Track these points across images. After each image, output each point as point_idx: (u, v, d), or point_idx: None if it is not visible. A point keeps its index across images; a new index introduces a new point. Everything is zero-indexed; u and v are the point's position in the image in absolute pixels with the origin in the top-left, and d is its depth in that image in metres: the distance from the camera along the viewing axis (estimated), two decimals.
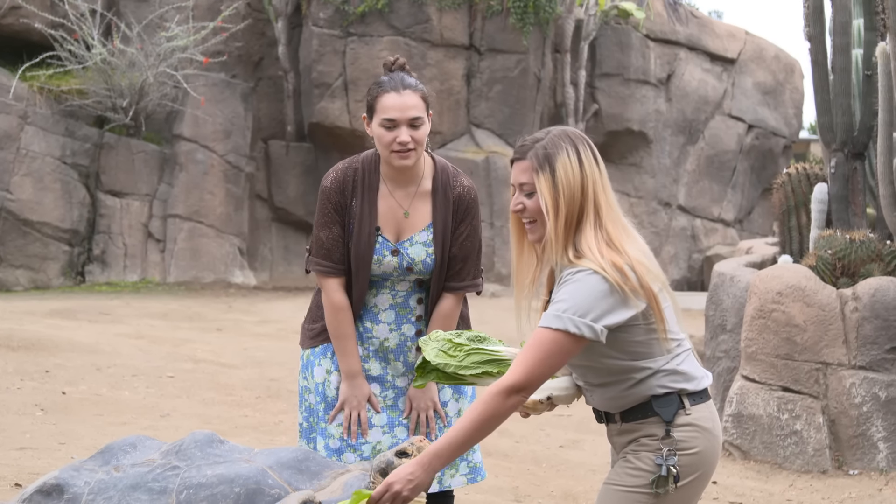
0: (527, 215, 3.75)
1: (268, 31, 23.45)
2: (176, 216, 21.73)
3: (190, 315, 16.77)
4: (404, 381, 4.71)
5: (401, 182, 4.64)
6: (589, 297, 3.58)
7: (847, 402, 8.54)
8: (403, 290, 4.69)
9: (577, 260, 3.64)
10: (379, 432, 4.66)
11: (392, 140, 4.50)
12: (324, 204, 4.64)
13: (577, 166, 3.68)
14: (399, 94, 4.52)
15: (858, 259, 9.03)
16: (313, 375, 4.70)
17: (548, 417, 10.46)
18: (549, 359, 3.58)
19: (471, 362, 3.88)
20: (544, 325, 3.58)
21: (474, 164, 22.01)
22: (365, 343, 4.68)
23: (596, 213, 3.69)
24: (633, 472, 3.73)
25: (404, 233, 4.64)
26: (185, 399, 10.28)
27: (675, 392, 3.71)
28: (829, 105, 10.46)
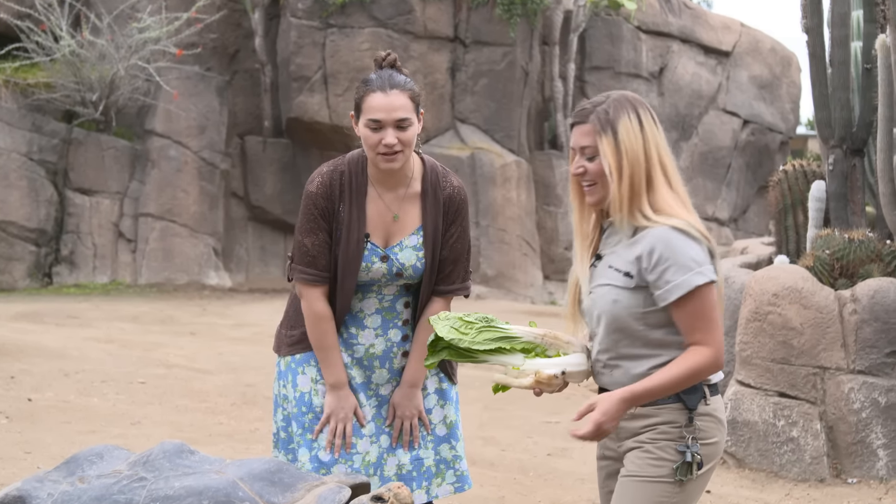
0: (587, 178, 3.90)
1: (244, 22, 23.41)
2: (148, 215, 21.67)
3: (162, 318, 16.72)
4: (388, 388, 4.69)
5: (389, 184, 4.61)
6: (690, 248, 3.80)
7: (845, 408, 8.54)
8: (391, 293, 4.67)
9: (657, 217, 3.82)
10: (367, 442, 4.63)
11: (378, 142, 4.47)
12: (309, 209, 4.60)
13: (638, 129, 3.84)
14: (386, 94, 4.49)
15: (857, 259, 9.04)
16: (295, 384, 4.66)
17: (535, 425, 10.45)
18: (715, 310, 3.81)
19: (483, 339, 3.94)
20: (681, 293, 3.76)
21: (459, 161, 21.99)
22: (349, 350, 4.65)
23: (664, 174, 3.88)
24: (655, 461, 3.84)
25: (393, 237, 4.61)
26: (157, 406, 10.25)
27: None
28: (827, 99, 10.47)
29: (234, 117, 23.30)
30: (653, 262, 3.79)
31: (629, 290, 3.83)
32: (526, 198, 23.23)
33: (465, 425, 5.06)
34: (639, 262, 3.82)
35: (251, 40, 23.33)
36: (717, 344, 3.81)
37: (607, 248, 3.95)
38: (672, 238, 3.79)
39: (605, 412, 3.79)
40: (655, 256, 3.79)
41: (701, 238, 3.83)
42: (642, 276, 3.82)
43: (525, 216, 23.19)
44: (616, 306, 3.85)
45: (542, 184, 23.96)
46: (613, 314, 3.85)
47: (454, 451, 4.77)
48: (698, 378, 3.83)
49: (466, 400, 10.65)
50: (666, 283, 3.77)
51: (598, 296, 3.91)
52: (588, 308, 3.97)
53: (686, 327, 3.81)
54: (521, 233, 22.97)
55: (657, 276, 3.79)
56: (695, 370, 3.80)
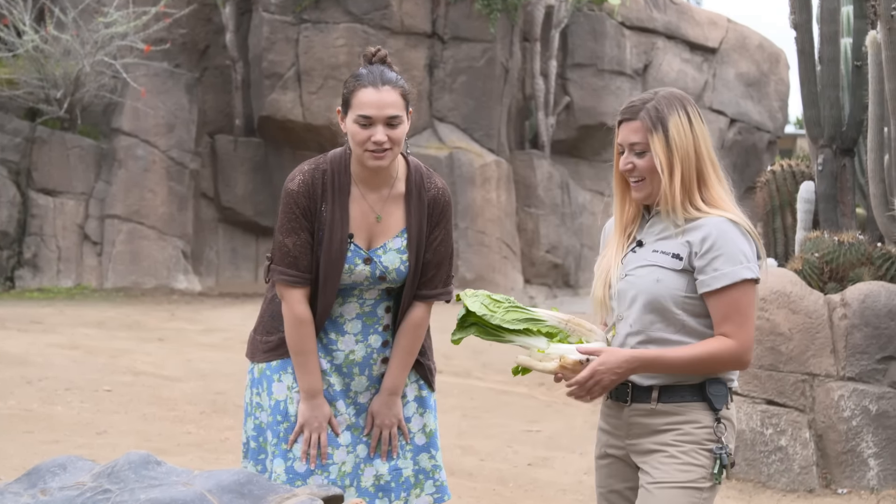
0: (636, 174, 4.01)
1: (214, 17, 23.37)
2: (114, 217, 21.61)
3: (129, 323, 16.67)
4: (367, 396, 4.67)
5: (373, 184, 4.59)
6: (743, 242, 3.91)
7: (835, 416, 8.56)
8: (372, 298, 4.64)
9: (710, 209, 3.94)
10: (344, 452, 4.61)
11: (367, 139, 4.45)
12: (290, 208, 4.56)
13: (688, 126, 3.96)
14: (377, 89, 4.47)
15: (847, 262, 9.06)
16: (270, 392, 4.62)
17: (514, 434, 10.45)
18: (752, 308, 3.92)
19: (512, 318, 4.01)
20: (726, 283, 3.86)
21: (437, 161, 21.99)
22: (328, 356, 4.63)
23: (714, 170, 4.00)
24: (684, 466, 3.90)
25: (376, 239, 4.59)
26: (124, 415, 10.22)
27: (724, 382, 3.97)
28: (817, 98, 10.49)
29: (204, 115, 23.25)
30: (704, 249, 3.89)
31: (675, 271, 3.92)
32: (506, 199, 23.24)
33: (442, 434, 5.04)
34: (690, 246, 3.91)
35: (222, 36, 23.28)
36: (745, 341, 3.89)
37: (650, 237, 4.04)
38: (727, 229, 3.90)
39: (604, 362, 3.89)
40: (708, 243, 3.88)
41: (752, 237, 3.94)
42: (691, 260, 3.91)
43: (505, 218, 23.20)
44: (658, 286, 3.93)
45: (522, 184, 23.97)
46: (654, 294, 3.93)
47: (433, 461, 4.75)
48: (714, 368, 3.91)
49: (444, 408, 10.64)
50: (714, 271, 3.87)
51: (637, 276, 3.98)
52: (623, 290, 4.02)
53: (719, 317, 3.89)
54: (500, 235, 22.97)
55: (706, 262, 3.88)
56: (714, 357, 3.88)
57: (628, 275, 4.01)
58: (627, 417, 4.02)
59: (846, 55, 10.54)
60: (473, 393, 12.47)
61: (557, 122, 24.84)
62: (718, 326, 3.89)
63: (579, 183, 25.25)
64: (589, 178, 25.52)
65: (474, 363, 14.37)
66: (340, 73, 21.80)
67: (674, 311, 3.92)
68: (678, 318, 3.92)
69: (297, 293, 4.55)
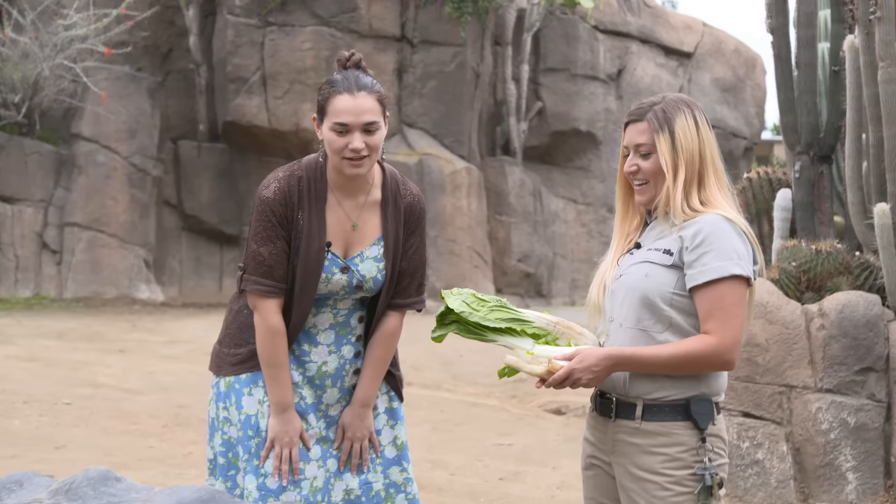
0: (640, 177, 4.06)
1: (177, 20, 23.32)
2: (74, 224, 21.53)
3: (89, 335, 16.61)
4: (338, 408, 4.65)
5: (350, 191, 4.58)
6: (736, 240, 3.93)
7: (813, 429, 8.58)
8: (346, 308, 4.63)
9: (705, 209, 3.97)
10: (315, 467, 4.59)
11: (344, 146, 4.43)
12: (266, 216, 4.53)
13: (694, 130, 4.03)
14: (353, 95, 4.45)
15: (825, 272, 9.08)
16: (240, 406, 4.59)
17: (486, 447, 10.44)
18: (740, 307, 3.90)
19: (495, 317, 4.00)
20: (713, 277, 3.87)
21: (406, 168, 21.99)
22: (300, 368, 4.61)
23: (716, 175, 4.05)
24: (674, 498, 3.92)
25: (353, 247, 4.58)
26: (83, 428, 10.17)
27: (709, 399, 3.98)
28: (794, 103, 10.52)
29: (167, 121, 23.19)
30: (695, 243, 3.90)
31: (665, 266, 3.94)
32: (477, 206, 23.25)
33: (412, 448, 5.03)
34: (681, 241, 3.93)
35: (185, 39, 23.24)
36: (728, 339, 3.87)
37: (649, 239, 4.07)
38: (720, 225, 3.92)
39: (581, 360, 3.86)
40: (699, 238, 3.90)
41: (748, 238, 3.96)
42: (682, 255, 3.93)
43: (476, 226, 23.21)
44: (647, 281, 3.94)
45: (493, 192, 23.99)
46: (643, 289, 3.94)
47: (405, 474, 4.74)
48: (694, 367, 3.90)
49: (414, 421, 10.63)
50: (702, 265, 3.88)
51: (628, 275, 4.01)
52: (615, 290, 4.05)
53: (704, 314, 3.89)
54: (471, 243, 22.98)
55: (695, 256, 3.90)
56: (692, 355, 3.87)
57: (623, 275, 4.03)
58: (612, 433, 4.01)
59: (823, 60, 10.58)
60: (444, 405, 12.47)
61: (529, 128, 24.86)
62: (703, 324, 3.89)
63: (552, 190, 25.28)
64: (562, 186, 25.55)
65: (445, 375, 14.36)
66: (307, 77, 21.78)
67: (661, 308, 3.92)
68: (665, 314, 3.92)
69: (272, 304, 4.52)
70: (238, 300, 4.68)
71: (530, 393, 13.27)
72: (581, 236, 25.54)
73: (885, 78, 8.59)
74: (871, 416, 8.55)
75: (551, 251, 24.90)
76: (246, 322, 4.62)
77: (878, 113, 8.78)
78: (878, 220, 8.51)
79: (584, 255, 25.38)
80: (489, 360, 14.15)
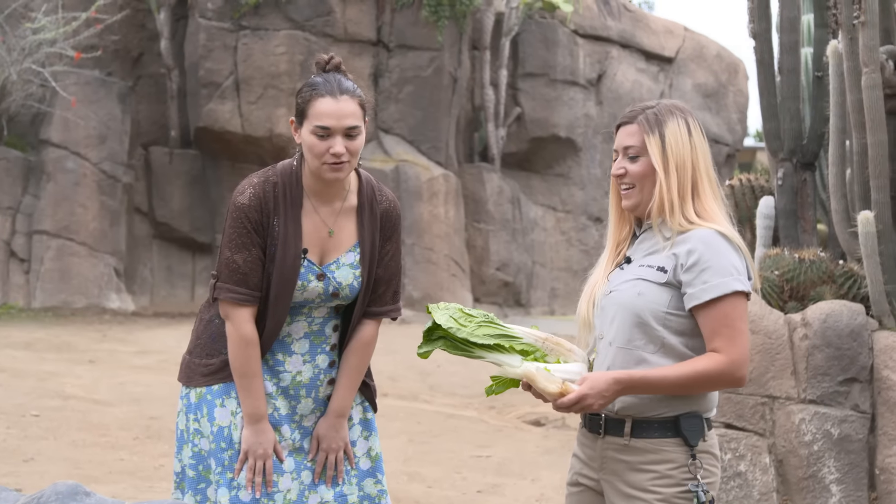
0: (626, 180, 4.07)
1: (148, 24, 23.28)
2: (43, 232, 21.47)
3: (58, 345, 16.56)
4: (312, 419, 4.64)
5: (326, 197, 4.59)
6: (730, 255, 3.95)
7: (796, 441, 8.60)
8: (321, 316, 4.63)
9: (700, 221, 3.99)
10: (289, 479, 4.58)
11: (325, 151, 4.44)
12: (241, 223, 4.53)
13: (686, 136, 4.04)
14: (336, 99, 4.49)
15: (808, 281, 9.11)
16: (213, 418, 4.57)
17: (463, 459, 10.44)
18: (744, 322, 3.93)
19: (483, 333, 4.01)
20: (716, 295, 3.88)
21: (382, 175, 21.99)
22: (274, 378, 4.60)
23: (710, 184, 4.06)
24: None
25: (329, 254, 4.58)
26: (52, 441, 10.14)
27: (699, 415, 3.98)
28: (776, 109, 10.55)
29: (138, 126, 23.15)
30: (691, 262, 3.91)
31: (658, 284, 3.94)
32: (454, 214, 23.26)
33: (388, 460, 5.04)
34: (676, 258, 3.94)
35: (156, 43, 23.19)
36: (737, 355, 3.90)
37: (640, 252, 4.07)
38: (715, 241, 3.93)
39: (593, 387, 3.86)
40: (695, 256, 3.91)
41: (743, 252, 3.98)
42: (676, 273, 3.93)
43: (454, 234, 23.21)
44: (640, 299, 3.94)
45: (471, 199, 23.99)
46: (635, 308, 3.94)
47: (379, 486, 4.74)
48: (705, 386, 3.92)
49: (390, 432, 10.63)
50: (703, 283, 3.89)
51: (620, 291, 4.01)
52: (605, 307, 4.05)
53: (708, 332, 3.91)
54: (449, 252, 22.98)
55: (694, 275, 3.91)
56: (703, 375, 3.88)
57: (613, 291, 4.03)
58: (601, 450, 4.03)
59: (807, 65, 10.60)
60: (420, 417, 12.46)
61: (508, 134, 24.88)
62: (709, 342, 3.91)
63: (531, 197, 25.29)
64: (541, 193, 25.56)
65: (422, 385, 14.36)
66: (281, 82, 21.77)
67: (654, 328, 3.93)
68: (658, 334, 3.93)
69: (245, 313, 4.52)
70: (209, 309, 4.67)
71: (509, 404, 13.27)
72: (560, 244, 25.56)
73: (869, 84, 8.61)
74: (855, 428, 8.58)
75: (530, 260, 24.91)
76: (217, 332, 4.61)
77: (861, 119, 8.81)
78: (861, 228, 8.53)
79: (564, 263, 25.40)
80: (467, 370, 14.15)
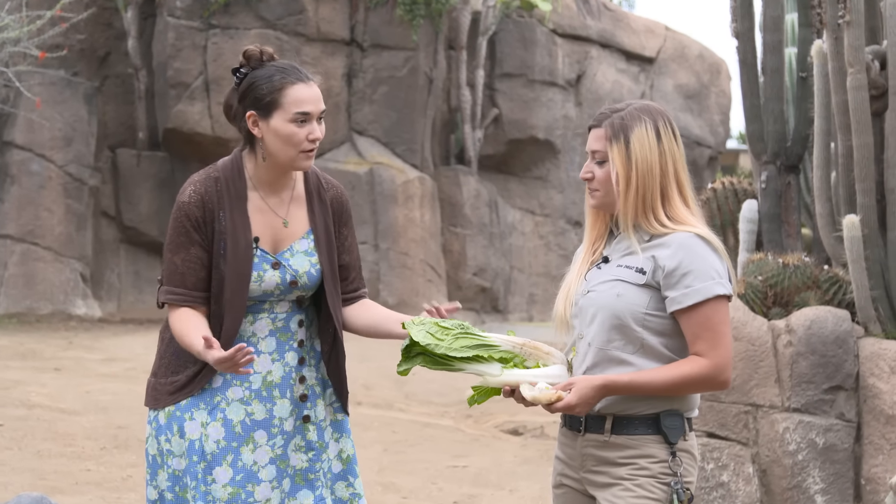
0: (593, 185, 4.11)
1: (115, 22, 23.23)
2: (6, 237, 21.40)
3: (23, 352, 16.51)
4: (291, 423, 4.64)
5: (275, 187, 4.63)
6: (711, 259, 4.00)
7: (780, 450, 8.62)
8: (283, 311, 4.63)
9: (675, 224, 4.03)
10: (267, 488, 4.57)
11: (304, 137, 4.51)
12: (180, 222, 4.55)
13: (654, 141, 4.04)
14: (307, 84, 4.57)
15: (792, 286, 9.13)
16: (183, 434, 4.55)
17: (440, 469, 10.44)
18: (727, 326, 3.99)
19: (460, 346, 4.06)
20: (698, 299, 3.94)
21: (356, 178, 21.99)
22: (245, 382, 4.59)
23: (679, 190, 4.07)
24: (640, 501, 3.98)
25: (282, 243, 4.62)
26: (16, 451, 10.12)
27: (680, 414, 4.03)
28: (760, 111, 10.58)
29: (105, 128, 23.09)
30: (672, 266, 3.97)
31: (637, 286, 3.99)
32: (430, 218, 23.26)
33: (362, 470, 5.03)
34: (654, 261, 3.99)
35: (123, 42, 23.14)
36: (720, 359, 3.96)
37: (617, 252, 4.11)
38: (696, 245, 3.99)
39: (580, 396, 3.92)
40: (676, 261, 3.96)
41: (722, 254, 4.03)
42: (655, 276, 3.98)
43: (429, 238, 23.21)
44: (619, 301, 3.99)
45: (448, 202, 24.00)
46: (614, 309, 3.99)
47: (351, 489, 4.74)
48: (690, 389, 3.99)
49: (364, 442, 10.63)
50: (685, 288, 3.95)
51: (598, 292, 4.06)
52: (583, 307, 4.10)
53: (691, 336, 3.97)
54: (424, 256, 22.98)
55: (675, 280, 3.96)
56: (688, 379, 3.95)
57: (591, 291, 4.08)
58: (581, 448, 4.08)
59: (791, 66, 10.63)
60: (395, 426, 12.46)
61: (485, 136, 24.89)
62: (691, 346, 3.98)
63: (508, 201, 25.31)
64: (519, 196, 25.58)
65: (397, 394, 14.36)
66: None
67: (633, 329, 3.98)
68: (637, 335, 3.98)
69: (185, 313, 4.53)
70: (168, 328, 4.65)
71: (486, 413, 13.28)
72: (539, 249, 25.58)
73: (855, 84, 8.65)
74: (841, 437, 8.61)
75: (508, 264, 24.92)
76: (180, 348, 4.59)
77: (847, 121, 8.85)
78: (847, 232, 8.56)
79: (543, 268, 25.41)
80: (443, 378, 14.14)
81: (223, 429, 4.55)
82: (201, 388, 4.56)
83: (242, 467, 4.55)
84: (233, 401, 4.57)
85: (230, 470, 4.53)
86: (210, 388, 4.57)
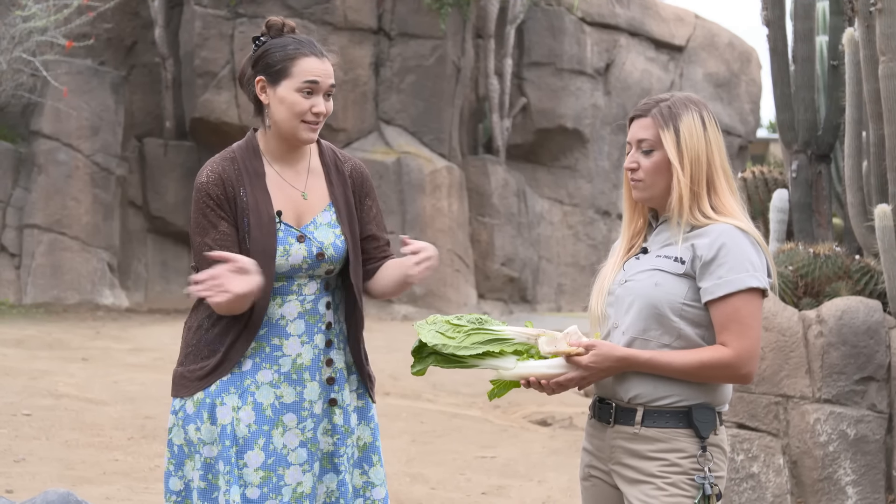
0: (639, 174, 4.12)
1: (142, 11, 23.28)
2: (34, 226, 21.48)
3: (50, 342, 16.57)
4: (320, 405, 4.64)
5: (289, 161, 4.66)
6: (748, 251, 4.01)
7: (811, 441, 8.60)
8: (312, 293, 4.63)
9: (718, 216, 4.05)
10: (298, 471, 4.57)
11: (307, 109, 4.55)
12: (203, 203, 4.55)
13: (701, 130, 4.09)
14: (320, 58, 4.63)
15: (823, 276, 9.11)
16: (215, 420, 4.55)
17: (468, 460, 10.45)
18: (756, 320, 3.99)
19: (471, 342, 4.09)
20: (730, 290, 3.95)
21: (383, 167, 21.99)
22: (274, 365, 4.59)
23: (726, 179, 4.12)
24: (669, 498, 3.98)
25: (304, 216, 4.62)
26: (44, 441, 10.15)
27: (712, 408, 4.04)
28: (790, 99, 10.55)
29: (132, 117, 23.15)
30: (710, 256, 3.98)
31: (676, 276, 4.01)
32: (458, 207, 23.25)
33: (390, 461, 5.04)
34: (693, 250, 4.00)
35: (150, 31, 23.20)
36: (744, 350, 3.96)
37: (656, 243, 4.13)
38: (736, 236, 4.00)
39: (596, 361, 3.97)
40: (714, 250, 3.98)
41: (762, 247, 4.04)
42: (694, 265, 4.00)
43: (457, 228, 23.21)
44: (657, 290, 4.01)
45: (475, 192, 23.99)
46: (651, 298, 4.01)
47: (366, 477, 4.74)
48: (708, 376, 3.98)
49: (392, 432, 10.63)
50: (718, 278, 3.96)
51: (636, 281, 4.07)
52: (620, 296, 4.11)
53: (719, 327, 3.98)
54: (452, 246, 22.98)
55: (711, 269, 3.98)
56: (707, 365, 3.96)
57: (628, 280, 4.10)
58: (610, 440, 4.08)
59: (822, 54, 10.60)
60: (423, 416, 12.46)
61: (513, 125, 24.88)
62: (718, 336, 3.98)
63: (537, 190, 25.30)
64: (547, 186, 25.57)
65: (424, 384, 14.36)
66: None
67: (671, 318, 3.99)
68: (675, 325, 3.99)
69: None
70: (194, 316, 4.64)
71: (514, 403, 13.28)
72: (567, 239, 25.57)
73: (887, 73, 8.61)
74: (872, 428, 8.58)
75: (536, 254, 24.91)
76: (206, 336, 4.58)
77: (878, 109, 8.81)
78: (878, 222, 8.53)
79: (571, 258, 25.40)
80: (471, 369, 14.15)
81: (253, 412, 4.55)
82: (230, 371, 4.56)
83: (273, 451, 4.55)
84: (262, 384, 4.56)
85: (262, 454, 4.54)
86: (239, 372, 4.57)
